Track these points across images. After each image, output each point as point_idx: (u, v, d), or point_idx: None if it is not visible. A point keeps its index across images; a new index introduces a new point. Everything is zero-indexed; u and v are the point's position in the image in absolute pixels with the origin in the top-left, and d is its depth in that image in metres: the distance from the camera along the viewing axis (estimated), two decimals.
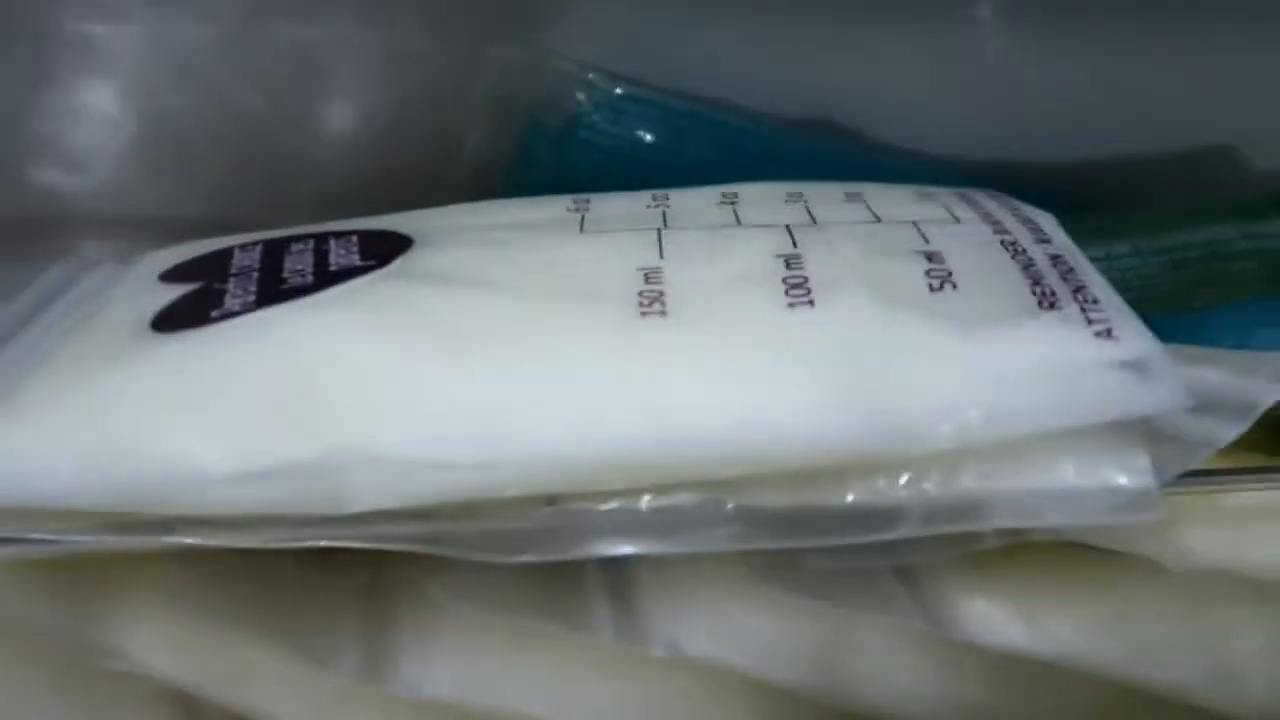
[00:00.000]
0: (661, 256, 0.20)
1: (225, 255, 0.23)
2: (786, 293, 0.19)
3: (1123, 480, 0.18)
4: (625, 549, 0.18)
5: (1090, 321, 0.18)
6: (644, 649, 0.22)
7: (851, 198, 0.23)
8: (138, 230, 0.27)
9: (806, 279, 0.19)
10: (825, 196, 0.23)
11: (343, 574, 0.22)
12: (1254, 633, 0.23)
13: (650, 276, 0.20)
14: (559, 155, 0.28)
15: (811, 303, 0.19)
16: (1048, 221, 0.22)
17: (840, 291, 0.19)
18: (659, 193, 0.24)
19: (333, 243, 0.22)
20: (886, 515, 0.18)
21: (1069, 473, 0.18)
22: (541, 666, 0.22)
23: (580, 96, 0.27)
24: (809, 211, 0.22)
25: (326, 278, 0.20)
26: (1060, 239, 0.21)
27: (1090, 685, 0.24)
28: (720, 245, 0.21)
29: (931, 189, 0.23)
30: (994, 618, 0.23)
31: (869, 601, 0.22)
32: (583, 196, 0.24)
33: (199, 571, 0.21)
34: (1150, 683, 0.23)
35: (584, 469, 0.18)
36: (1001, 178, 0.25)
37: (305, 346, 0.19)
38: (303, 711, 0.22)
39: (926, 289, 0.19)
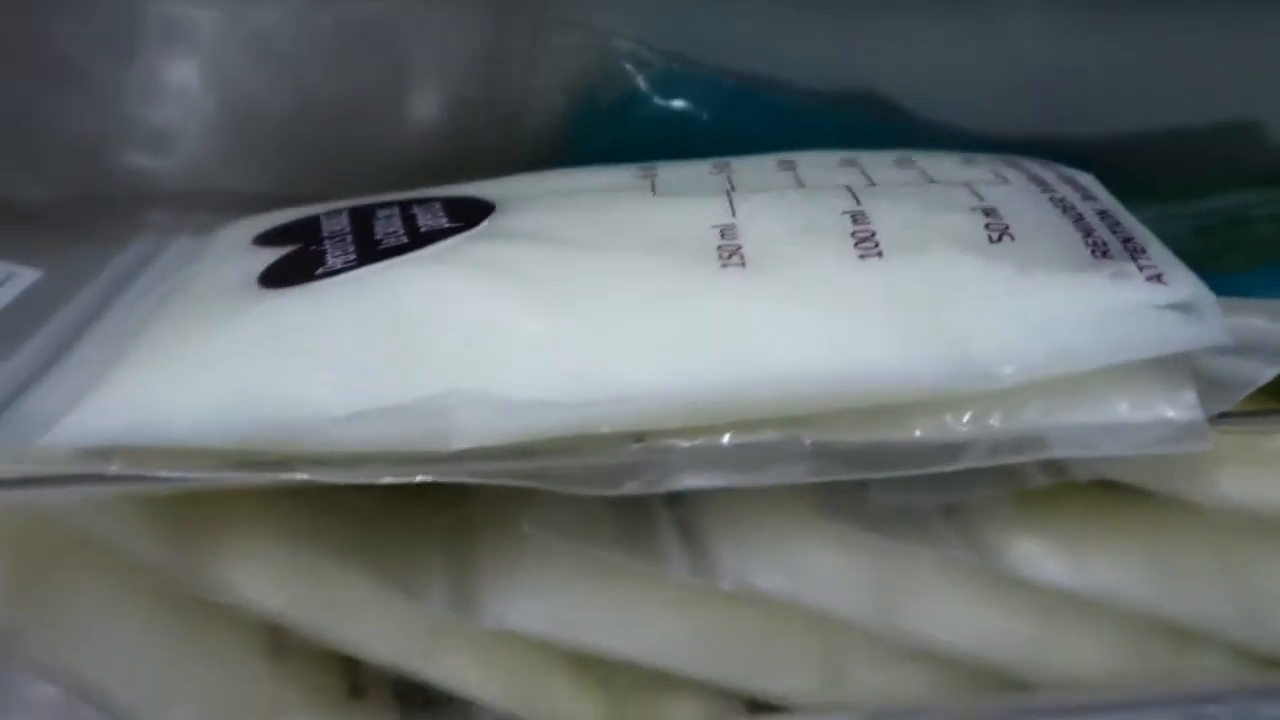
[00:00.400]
0: (734, 215, 0.22)
1: (314, 222, 0.24)
2: (856, 245, 0.20)
3: (1172, 414, 0.19)
4: (709, 482, 0.20)
5: (1141, 268, 0.19)
6: (714, 584, 0.23)
7: (902, 163, 0.25)
8: (214, 206, 0.28)
9: (874, 233, 0.21)
10: (877, 162, 0.25)
11: (433, 512, 0.23)
12: None
13: (726, 233, 0.21)
14: (615, 130, 0.29)
15: (881, 254, 0.20)
16: (1089, 180, 0.23)
17: (907, 244, 0.20)
18: (720, 160, 0.25)
19: (417, 208, 0.23)
20: (953, 448, 0.20)
21: (1122, 408, 0.19)
22: (619, 601, 0.23)
23: (636, 74, 0.29)
24: (865, 175, 0.24)
25: (419, 238, 0.22)
26: (1104, 196, 0.23)
27: (1127, 622, 0.25)
28: (788, 204, 0.22)
29: (975, 155, 0.25)
30: (1038, 555, 0.24)
31: (924, 538, 0.24)
32: (648, 165, 0.25)
33: (301, 509, 0.22)
34: (1182, 618, 0.25)
35: (671, 407, 0.19)
36: (1034, 152, 0.26)
37: (411, 297, 0.20)
38: (397, 644, 0.23)
39: (986, 240, 0.20)
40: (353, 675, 0.25)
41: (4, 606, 0.22)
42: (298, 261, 0.22)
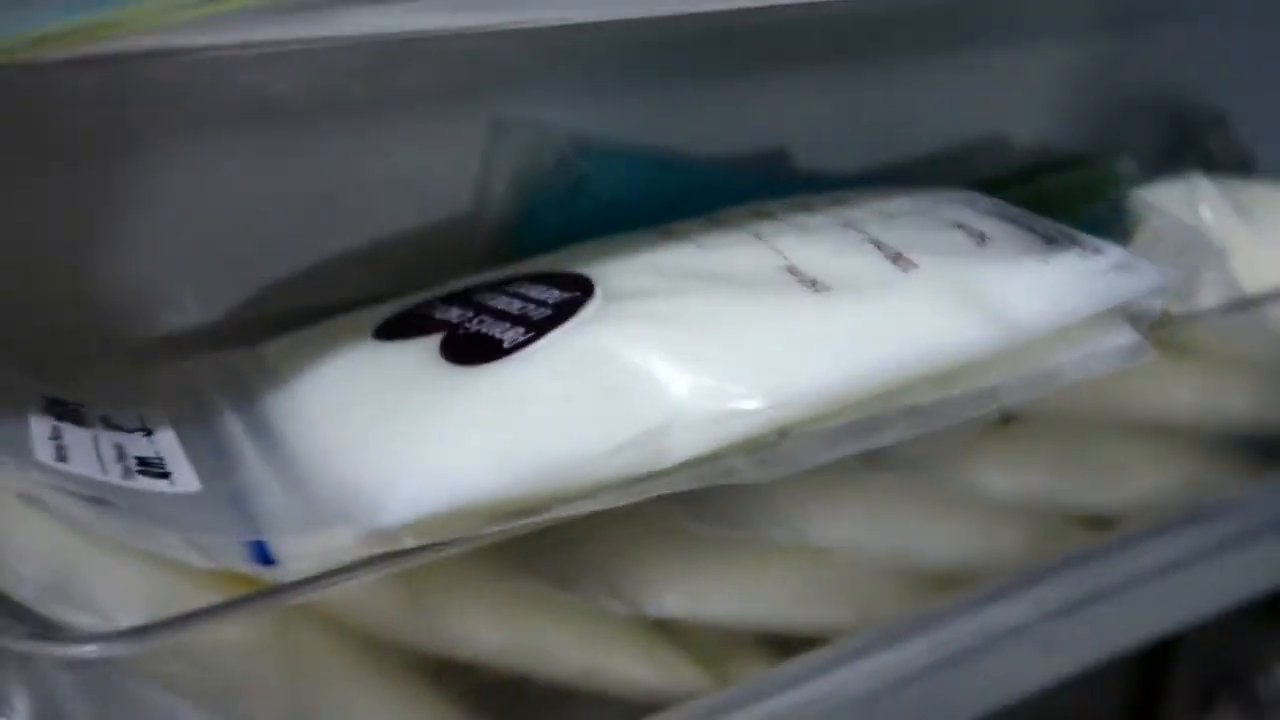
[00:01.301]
0: (784, 256, 0.28)
1: (423, 314, 0.27)
2: (894, 263, 0.28)
3: (1123, 341, 0.28)
4: (837, 455, 0.26)
5: (1084, 247, 0.28)
6: (806, 542, 0.29)
7: (838, 200, 0.32)
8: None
9: (900, 253, 0.28)
10: (824, 201, 0.32)
11: (594, 525, 0.27)
12: (1132, 452, 0.35)
13: (792, 270, 0.28)
14: (565, 212, 0.34)
15: (917, 265, 0.27)
16: (981, 196, 0.32)
17: (926, 256, 0.28)
18: (707, 217, 0.31)
19: (520, 287, 0.28)
20: (994, 393, 0.27)
21: (1096, 343, 0.28)
22: (739, 576, 0.29)
23: (582, 164, 0.34)
24: (838, 214, 0.31)
25: (559, 309, 0.26)
26: (1004, 205, 0.31)
27: (1043, 516, 0.34)
28: (816, 242, 0.29)
29: (889, 189, 0.33)
30: (991, 475, 0.33)
31: (922, 473, 0.31)
32: (655, 228, 0.31)
33: (499, 551, 0.26)
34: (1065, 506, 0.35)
35: (813, 402, 0.25)
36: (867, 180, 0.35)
37: (611, 350, 0.25)
38: (584, 654, 0.27)
39: (974, 245, 0.28)
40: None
41: (294, 702, 0.24)
42: (473, 341, 0.25)
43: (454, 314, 0.27)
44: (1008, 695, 0.34)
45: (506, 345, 0.25)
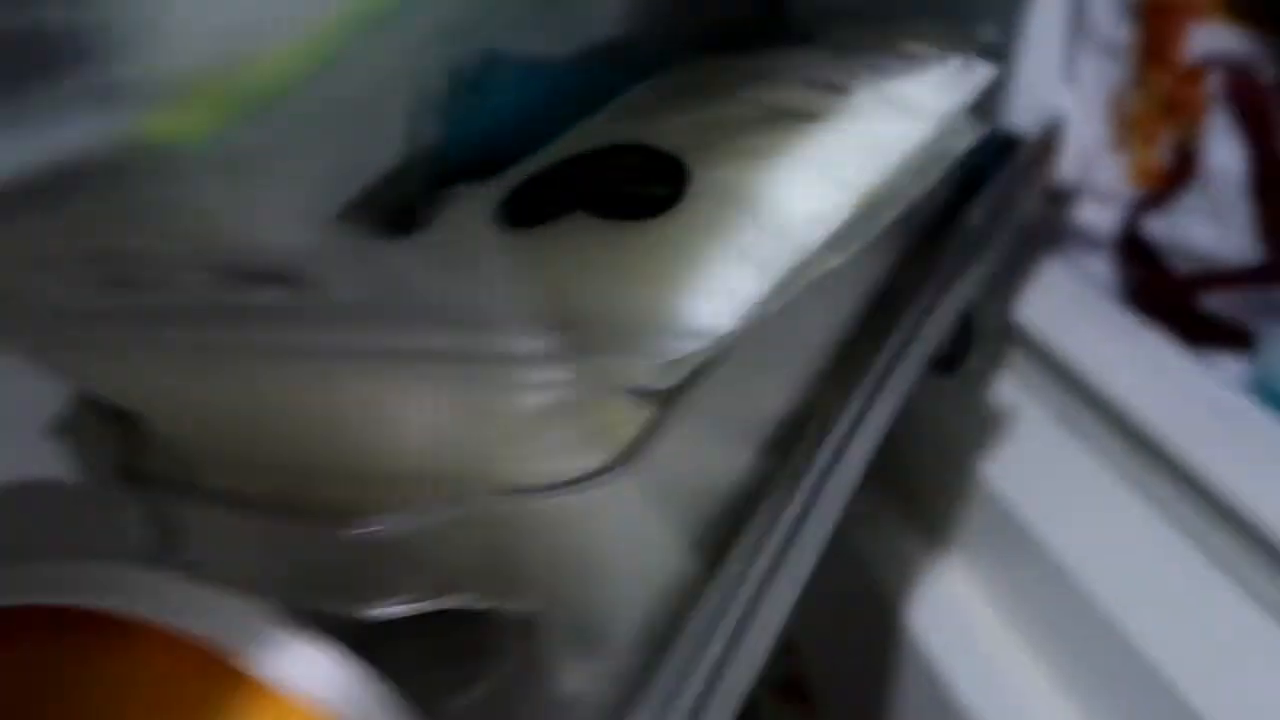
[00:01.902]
0: (755, 102, 0.35)
1: (532, 197, 0.31)
2: (834, 92, 0.35)
3: (967, 122, 0.38)
4: (857, 245, 0.34)
5: (935, 57, 0.38)
6: None
7: (732, 63, 0.39)
8: None
9: (830, 83, 0.36)
10: (728, 64, 0.39)
11: None
12: None
13: (774, 109, 0.34)
14: (481, 121, 0.37)
15: (849, 90, 0.36)
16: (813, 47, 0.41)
17: (851, 81, 0.36)
18: (646, 90, 0.37)
19: (587, 164, 0.32)
20: (923, 173, 0.36)
21: (961, 125, 0.38)
22: None
23: (492, 78, 0.37)
24: (750, 68, 0.37)
25: (661, 167, 0.31)
26: (838, 48, 0.40)
27: None
28: (766, 87, 0.36)
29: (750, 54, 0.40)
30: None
31: None
32: (613, 108, 0.35)
33: None
34: None
35: (851, 201, 0.33)
36: None
37: (737, 184, 0.30)
38: None
39: (868, 70, 0.37)
40: None
41: None
42: (628, 202, 0.29)
43: (561, 194, 0.31)
44: None
45: (664, 197, 0.30)
